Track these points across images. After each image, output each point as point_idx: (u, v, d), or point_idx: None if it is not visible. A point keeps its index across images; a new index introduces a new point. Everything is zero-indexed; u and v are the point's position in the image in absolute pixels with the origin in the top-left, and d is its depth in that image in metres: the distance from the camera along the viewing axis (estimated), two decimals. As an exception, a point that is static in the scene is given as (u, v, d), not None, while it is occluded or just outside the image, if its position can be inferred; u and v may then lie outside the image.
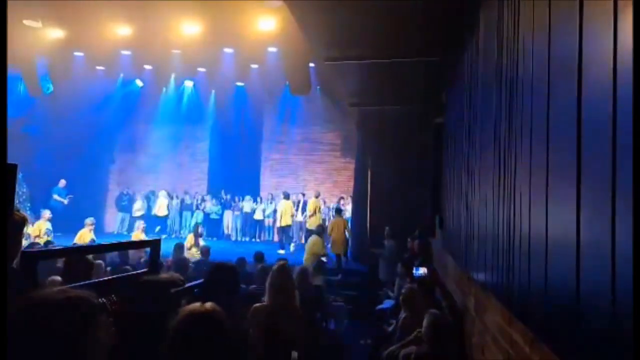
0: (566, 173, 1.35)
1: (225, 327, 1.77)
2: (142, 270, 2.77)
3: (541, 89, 1.65)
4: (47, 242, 8.30)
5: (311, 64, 11.55)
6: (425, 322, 3.02)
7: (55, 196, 13.50)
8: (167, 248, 6.93)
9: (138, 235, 10.52)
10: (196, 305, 1.79)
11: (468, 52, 4.00)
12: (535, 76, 1.77)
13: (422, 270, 6.26)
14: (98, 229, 14.11)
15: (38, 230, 9.98)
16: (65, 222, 13.45)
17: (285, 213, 12.20)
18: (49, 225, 10.33)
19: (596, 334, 1.13)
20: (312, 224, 10.93)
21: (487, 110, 2.88)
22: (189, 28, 10.81)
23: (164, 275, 2.51)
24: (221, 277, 2.69)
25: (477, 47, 3.45)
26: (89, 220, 10.06)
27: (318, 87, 13.40)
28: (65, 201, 13.50)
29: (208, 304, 1.80)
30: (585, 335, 1.19)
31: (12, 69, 12.10)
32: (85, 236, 9.52)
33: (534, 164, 1.73)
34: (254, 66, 13.41)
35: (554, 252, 1.46)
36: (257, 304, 3.21)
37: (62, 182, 13.71)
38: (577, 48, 1.32)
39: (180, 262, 6.38)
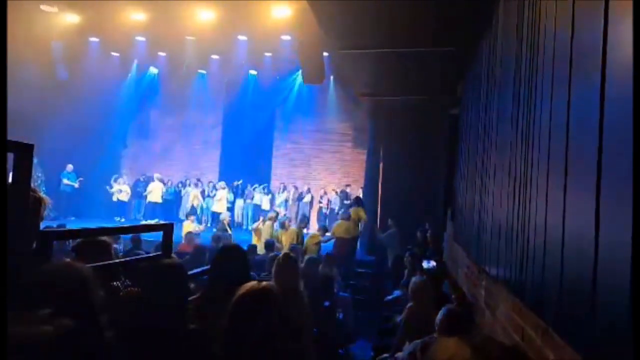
0: (586, 166, 1.33)
1: (281, 304, 1.82)
2: (155, 254, 2.80)
3: (563, 80, 1.61)
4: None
5: (325, 53, 11.49)
6: (440, 314, 3.02)
7: (66, 180, 13.66)
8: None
9: (189, 224, 9.83)
10: (254, 283, 1.84)
11: (486, 43, 3.94)
12: (557, 67, 1.74)
13: (432, 263, 6.24)
14: (110, 214, 14.35)
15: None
16: (78, 206, 13.67)
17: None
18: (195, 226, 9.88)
19: (614, 325, 1.12)
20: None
21: (505, 102, 2.84)
22: (204, 15, 10.81)
23: (166, 259, 2.52)
24: (228, 259, 2.68)
25: (496, 38, 3.39)
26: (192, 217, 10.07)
27: (332, 76, 13.34)
28: (77, 184, 13.65)
29: (264, 282, 1.85)
30: (603, 327, 1.18)
31: (28, 53, 12.20)
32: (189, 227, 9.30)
33: (553, 157, 1.70)
34: (268, 54, 13.38)
35: (571, 244, 1.45)
36: None
37: (70, 167, 13.84)
38: (602, 38, 1.28)
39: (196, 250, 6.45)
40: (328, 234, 8.89)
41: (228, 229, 9.53)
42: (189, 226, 9.47)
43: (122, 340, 1.83)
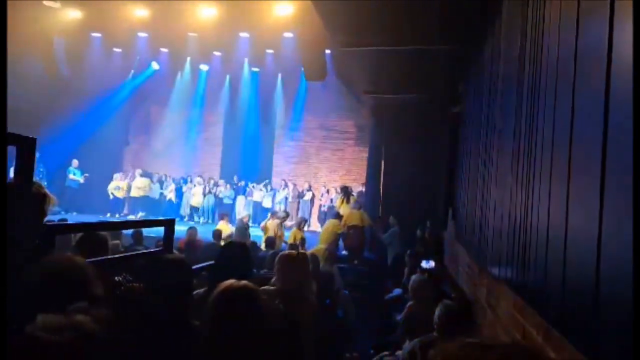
0: (590, 164, 1.32)
1: (261, 303, 1.79)
2: (156, 249, 2.80)
3: (567, 80, 1.61)
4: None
5: (327, 51, 11.48)
6: (437, 311, 3.02)
7: (71, 176, 13.70)
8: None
9: (224, 225, 9.54)
10: (232, 281, 1.82)
11: (489, 41, 3.93)
12: (561, 67, 1.73)
13: (431, 263, 6.24)
14: (111, 209, 14.36)
15: (293, 237, 8.60)
16: (80, 201, 13.69)
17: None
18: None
19: (616, 324, 1.12)
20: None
21: (508, 101, 2.83)
22: (206, 11, 10.81)
23: (169, 255, 2.53)
24: (231, 256, 2.68)
25: (500, 36, 3.38)
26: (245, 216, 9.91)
27: (334, 74, 13.33)
28: (82, 180, 13.70)
29: (243, 281, 1.83)
30: (605, 326, 1.18)
31: (30, 48, 12.20)
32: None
33: (556, 155, 1.70)
34: (270, 51, 13.37)
35: (573, 242, 1.44)
36: (266, 287, 3.21)
37: (75, 162, 13.90)
38: (607, 37, 1.28)
39: (193, 245, 6.44)
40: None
41: (247, 228, 9.48)
42: (224, 226, 9.34)
43: (125, 336, 1.83)
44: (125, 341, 1.83)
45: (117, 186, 14.57)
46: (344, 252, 9.23)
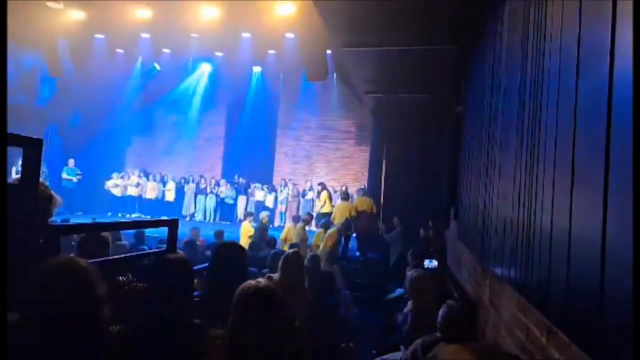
0: (593, 163, 1.32)
1: (282, 303, 1.81)
2: (158, 249, 2.81)
3: (569, 76, 1.60)
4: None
5: (328, 51, 11.49)
6: (441, 312, 3.01)
7: (65, 175, 13.74)
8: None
9: (247, 225, 9.50)
10: (252, 282, 1.83)
11: (490, 40, 3.92)
12: (564, 63, 1.73)
13: (434, 263, 6.23)
14: (115, 209, 14.40)
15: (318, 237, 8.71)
16: (82, 201, 13.73)
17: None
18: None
19: (620, 324, 1.12)
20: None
21: (510, 100, 2.83)
22: (208, 12, 10.83)
23: (172, 254, 2.53)
24: (227, 256, 2.68)
25: (501, 35, 3.38)
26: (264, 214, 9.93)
27: (334, 73, 13.35)
28: (75, 179, 13.71)
29: (264, 281, 1.84)
30: (608, 326, 1.18)
31: (34, 49, 12.24)
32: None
33: (559, 153, 1.70)
34: (271, 52, 13.39)
35: (577, 241, 1.44)
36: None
37: (71, 162, 13.97)
38: (610, 33, 1.28)
39: (193, 245, 6.45)
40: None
41: (266, 228, 9.45)
42: (247, 227, 9.31)
43: (127, 335, 1.84)
44: (128, 340, 1.84)
45: (115, 184, 14.63)
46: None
